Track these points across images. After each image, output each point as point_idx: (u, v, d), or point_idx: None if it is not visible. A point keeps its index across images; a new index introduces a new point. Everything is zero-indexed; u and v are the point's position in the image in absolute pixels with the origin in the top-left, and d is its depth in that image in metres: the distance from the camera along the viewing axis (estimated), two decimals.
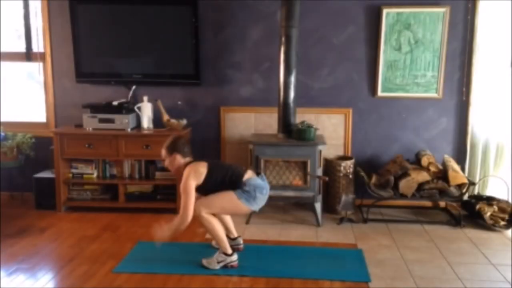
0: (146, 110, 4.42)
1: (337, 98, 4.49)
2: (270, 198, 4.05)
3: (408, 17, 4.28)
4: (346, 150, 4.54)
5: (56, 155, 4.31)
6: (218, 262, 3.16)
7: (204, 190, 3.17)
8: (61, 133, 4.31)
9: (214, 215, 3.17)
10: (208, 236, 3.62)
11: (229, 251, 3.17)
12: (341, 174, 4.25)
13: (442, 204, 4.46)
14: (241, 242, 3.50)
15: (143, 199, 4.42)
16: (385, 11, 4.28)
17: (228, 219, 3.47)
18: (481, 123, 4.32)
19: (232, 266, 3.16)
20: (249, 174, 3.21)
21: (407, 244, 3.65)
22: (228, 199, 3.13)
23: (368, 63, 4.42)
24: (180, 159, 3.20)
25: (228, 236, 3.44)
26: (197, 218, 3.12)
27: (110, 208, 4.36)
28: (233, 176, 3.17)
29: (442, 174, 4.08)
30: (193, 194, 3.07)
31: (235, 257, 3.19)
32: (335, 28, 4.39)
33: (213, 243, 3.40)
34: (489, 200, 4.14)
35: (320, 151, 4.00)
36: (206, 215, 3.10)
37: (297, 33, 4.06)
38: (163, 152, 3.23)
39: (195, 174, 3.10)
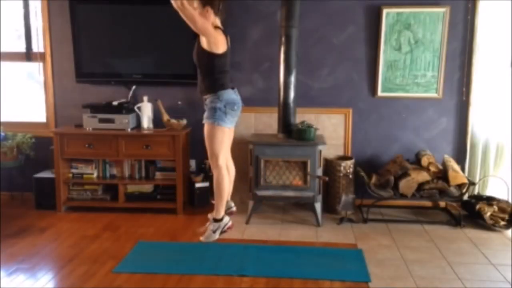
0: (146, 110, 4.42)
1: (337, 98, 4.49)
2: (270, 198, 4.08)
3: (408, 17, 4.28)
4: (346, 150, 4.54)
5: (56, 155, 4.31)
6: (214, 232, 3.10)
7: (200, 60, 3.04)
8: (61, 133, 4.31)
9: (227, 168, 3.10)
10: (216, 193, 3.46)
11: (221, 215, 3.11)
12: (341, 174, 4.25)
13: (442, 204, 4.46)
14: (233, 204, 3.35)
15: (143, 199, 4.42)
16: (385, 11, 4.28)
17: (230, 182, 3.32)
18: (481, 123, 4.32)
19: (229, 228, 3.13)
20: (227, 85, 3.10)
21: (407, 244, 3.65)
22: (215, 132, 3.00)
23: (368, 63, 4.42)
24: (211, 16, 2.94)
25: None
26: (215, 168, 3.05)
27: (110, 208, 4.36)
28: (222, 80, 3.05)
29: (442, 174, 4.08)
30: (197, 21, 2.77)
31: (226, 219, 3.13)
32: (335, 28, 4.39)
33: (212, 201, 3.28)
34: (489, 200, 4.14)
35: (320, 151, 4.00)
36: (222, 171, 3.03)
37: (297, 33, 4.06)
38: (196, 1, 2.90)
39: (216, 38, 2.92)
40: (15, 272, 3.16)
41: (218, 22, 3.05)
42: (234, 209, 3.36)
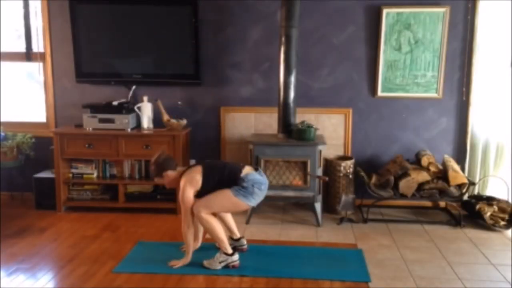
0: (146, 110, 4.42)
1: (337, 98, 4.49)
2: (270, 198, 4.07)
3: (408, 17, 4.28)
4: (346, 150, 4.54)
5: (56, 155, 4.31)
6: (220, 262, 3.16)
7: (203, 192, 3.18)
8: (61, 133, 4.31)
9: (214, 215, 3.18)
10: (208, 236, 3.61)
11: (230, 251, 3.17)
12: (341, 174, 4.25)
13: (442, 204, 4.46)
14: (245, 242, 3.49)
15: (143, 199, 4.42)
16: (385, 11, 4.28)
17: (229, 220, 3.47)
18: (481, 123, 4.32)
19: (233, 266, 3.16)
20: (247, 170, 3.21)
21: (407, 244, 3.65)
22: (225, 197, 3.12)
23: (368, 63, 4.42)
24: (172, 174, 3.25)
25: (231, 238, 3.45)
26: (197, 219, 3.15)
27: (110, 208, 4.36)
28: (230, 174, 3.17)
29: (442, 174, 4.08)
30: (191, 202, 3.12)
31: (236, 257, 3.19)
32: (335, 28, 4.39)
33: (217, 244, 3.40)
34: (489, 200, 4.14)
35: (320, 151, 4.00)
36: (205, 216, 3.10)
37: (297, 33, 4.06)
38: (155, 178, 3.31)
39: (191, 182, 3.14)
40: (15, 272, 3.16)
41: (180, 169, 3.30)
42: (245, 247, 3.46)
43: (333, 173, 4.28)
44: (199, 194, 3.18)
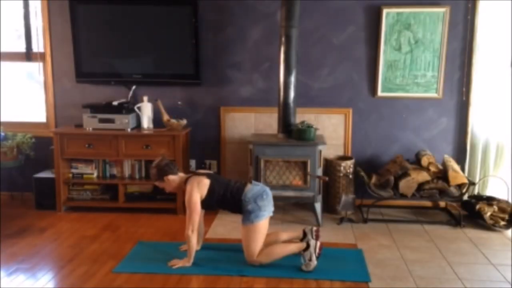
0: (146, 110, 4.42)
1: (337, 98, 4.49)
2: None
3: (408, 17, 4.28)
4: (346, 150, 4.54)
5: (56, 155, 4.31)
6: (310, 260, 3.13)
7: (207, 204, 3.20)
8: (61, 133, 4.31)
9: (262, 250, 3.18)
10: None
11: (303, 246, 3.15)
12: (341, 174, 4.25)
13: (442, 204, 4.46)
14: (309, 229, 3.27)
15: (143, 199, 4.42)
16: (385, 11, 4.28)
17: (281, 236, 3.35)
18: (481, 123, 4.32)
19: (320, 249, 3.14)
20: (247, 187, 3.22)
21: (407, 244, 3.65)
22: (250, 235, 3.14)
23: (368, 63, 4.42)
24: (174, 179, 3.26)
25: (299, 240, 3.30)
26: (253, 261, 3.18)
27: (110, 208, 4.35)
28: (233, 190, 3.19)
29: (442, 174, 4.08)
30: (198, 207, 3.14)
31: (312, 242, 3.15)
32: (335, 28, 4.39)
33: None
34: (489, 200, 4.14)
35: (320, 151, 4.00)
36: (261, 257, 3.14)
37: (297, 33, 4.06)
38: (156, 183, 3.32)
39: (199, 186, 3.15)
40: (15, 272, 3.16)
41: (182, 175, 3.30)
42: (314, 228, 3.28)
43: (333, 173, 4.27)
44: (202, 205, 3.18)
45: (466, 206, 4.24)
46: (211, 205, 3.23)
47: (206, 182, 3.17)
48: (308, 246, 3.16)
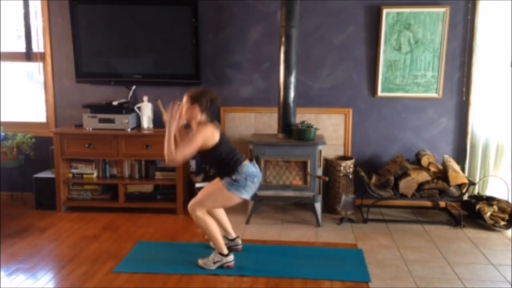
0: (146, 110, 4.42)
1: (337, 98, 4.49)
2: (270, 198, 4.08)
3: (408, 17, 4.28)
4: (346, 150, 4.54)
5: (56, 155, 4.31)
6: (214, 263, 3.16)
7: (204, 156, 3.13)
8: (61, 133, 4.31)
9: (209, 213, 3.18)
10: (207, 236, 3.62)
11: (225, 251, 3.17)
12: (341, 174, 4.25)
13: (442, 204, 4.46)
14: (240, 242, 3.49)
15: (143, 199, 4.42)
16: (385, 11, 4.28)
17: (225, 220, 3.47)
18: (481, 123, 4.32)
19: (228, 267, 3.16)
20: (245, 161, 3.18)
21: (407, 244, 3.65)
22: (218, 191, 3.11)
23: (368, 63, 4.42)
24: (197, 112, 3.08)
25: (226, 237, 3.45)
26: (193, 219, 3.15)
27: (110, 208, 4.36)
28: (234, 158, 3.12)
29: (442, 174, 4.08)
30: (194, 148, 2.99)
31: (231, 257, 3.18)
32: (335, 28, 4.39)
33: (211, 243, 3.40)
34: (489, 200, 4.14)
35: (320, 151, 4.00)
36: (201, 215, 3.10)
37: (297, 33, 4.06)
38: (185, 97, 3.11)
39: (206, 136, 3.02)
40: (15, 272, 3.16)
41: (203, 117, 3.13)
42: (239, 247, 3.46)
43: (333, 173, 4.28)
44: (202, 155, 3.12)
45: (466, 206, 4.25)
46: (207, 159, 3.14)
47: (216, 138, 3.05)
48: (226, 255, 3.17)
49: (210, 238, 3.19)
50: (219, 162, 3.13)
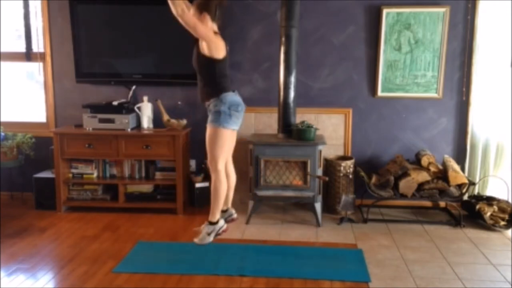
0: (146, 110, 4.42)
1: (337, 98, 4.49)
2: (270, 198, 4.08)
3: (408, 17, 4.28)
4: (346, 150, 4.54)
5: (56, 155, 4.31)
6: (209, 234, 3.09)
7: (201, 68, 3.04)
8: (61, 133, 4.31)
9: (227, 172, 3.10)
10: (213, 197, 3.46)
11: (216, 218, 3.10)
12: (341, 174, 4.25)
13: (442, 204, 4.46)
14: (233, 211, 3.37)
15: (143, 199, 4.42)
16: (385, 11, 4.28)
17: (231, 190, 3.32)
18: (481, 123, 4.31)
19: (223, 231, 3.12)
20: (229, 91, 3.10)
21: (407, 244, 3.65)
22: (214, 137, 3.00)
23: (368, 63, 4.42)
24: (209, 21, 2.94)
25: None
26: (213, 172, 3.06)
27: (110, 208, 4.36)
28: (223, 83, 3.04)
29: (442, 174, 4.08)
30: (204, 31, 2.84)
31: (221, 222, 3.13)
32: (335, 28, 4.39)
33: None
34: (489, 200, 4.14)
35: (320, 151, 4.00)
36: (222, 171, 3.03)
37: (297, 33, 4.06)
38: (193, 8, 2.94)
39: (217, 44, 2.93)
40: (15, 272, 3.16)
41: (215, 27, 3.03)
42: (234, 216, 3.38)
43: (333, 173, 4.27)
44: (199, 68, 3.03)
45: (466, 206, 4.24)
46: (201, 71, 3.04)
47: (220, 52, 2.95)
48: (217, 222, 3.09)
49: (215, 200, 3.07)
50: (210, 79, 3.02)
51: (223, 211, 3.37)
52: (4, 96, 4.75)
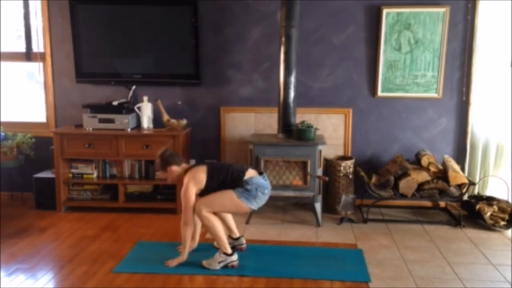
0: (146, 110, 4.42)
1: (337, 98, 4.49)
2: (270, 198, 4.04)
3: (408, 17, 4.28)
4: (346, 150, 4.54)
5: (56, 155, 4.31)
6: (219, 263, 3.16)
7: (206, 192, 3.19)
8: (61, 133, 4.31)
9: (215, 214, 3.18)
10: (208, 235, 3.62)
11: (229, 250, 3.17)
12: (341, 174, 4.25)
13: (442, 204, 4.46)
14: (244, 242, 3.50)
15: (143, 199, 4.42)
16: (385, 11, 4.28)
17: (229, 219, 3.48)
18: (481, 123, 4.32)
19: (232, 266, 3.16)
20: (250, 173, 3.22)
21: (407, 244, 3.65)
22: (228, 197, 3.13)
23: (368, 63, 4.42)
24: (176, 169, 3.26)
25: (230, 237, 3.46)
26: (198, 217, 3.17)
27: (110, 208, 4.36)
28: (234, 175, 3.18)
29: (442, 174, 4.08)
30: (192, 200, 3.13)
31: (235, 257, 3.19)
32: (335, 28, 4.39)
33: (215, 243, 3.40)
34: (489, 200, 4.14)
35: (320, 151, 4.00)
36: (206, 214, 3.11)
37: (297, 33, 4.05)
38: (159, 172, 3.32)
39: (195, 181, 3.15)
40: (15, 272, 3.16)
41: (184, 165, 3.32)
42: (244, 246, 3.48)
43: (333, 173, 4.27)
44: (202, 194, 3.19)
45: (466, 206, 4.25)
46: (212, 189, 3.18)
47: (202, 178, 3.15)
48: (231, 254, 3.18)
49: (214, 237, 3.18)
50: (223, 184, 3.18)
51: (235, 239, 3.49)
52: (4, 96, 4.75)
